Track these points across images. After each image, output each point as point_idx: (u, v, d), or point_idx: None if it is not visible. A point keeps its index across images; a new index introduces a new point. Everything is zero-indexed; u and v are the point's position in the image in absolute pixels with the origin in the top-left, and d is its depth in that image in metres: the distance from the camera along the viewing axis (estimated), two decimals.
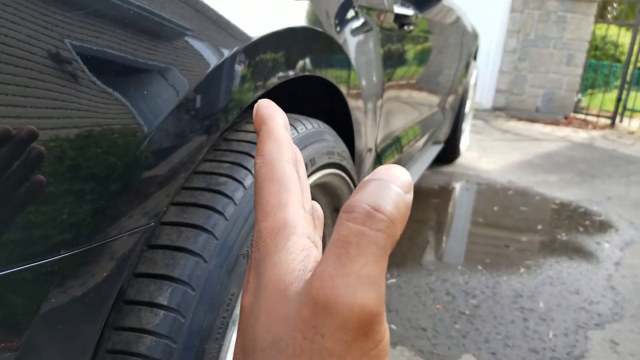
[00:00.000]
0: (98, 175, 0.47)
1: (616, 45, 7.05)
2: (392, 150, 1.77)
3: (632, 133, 5.57)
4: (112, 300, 0.54)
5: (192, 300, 0.58)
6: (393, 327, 1.53)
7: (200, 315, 0.58)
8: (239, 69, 0.67)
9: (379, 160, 1.63)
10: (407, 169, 2.30)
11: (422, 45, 1.88)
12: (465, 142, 3.83)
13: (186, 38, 0.56)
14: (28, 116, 0.40)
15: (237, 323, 0.65)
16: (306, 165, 0.82)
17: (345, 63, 1.08)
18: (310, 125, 0.89)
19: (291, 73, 0.82)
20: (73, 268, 0.47)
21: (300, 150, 0.80)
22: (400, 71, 1.62)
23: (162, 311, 0.57)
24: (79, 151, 0.45)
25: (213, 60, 0.61)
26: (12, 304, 0.43)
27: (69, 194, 0.45)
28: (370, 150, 1.46)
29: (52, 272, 0.45)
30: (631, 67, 5.77)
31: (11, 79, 0.38)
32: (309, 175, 0.84)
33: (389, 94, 1.52)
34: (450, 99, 2.87)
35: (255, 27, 0.71)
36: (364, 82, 1.22)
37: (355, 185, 1.09)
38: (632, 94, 6.02)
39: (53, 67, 0.41)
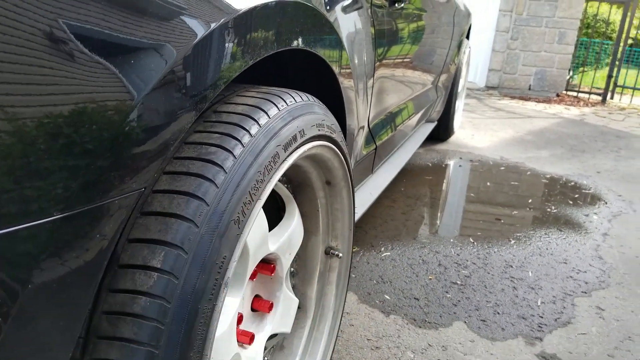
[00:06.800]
0: (90, 143, 0.49)
1: (607, 23, 7.04)
2: (384, 127, 1.79)
3: (622, 109, 5.60)
4: (105, 262, 0.56)
5: (184, 263, 0.60)
6: (387, 297, 1.57)
7: (193, 277, 0.61)
8: (228, 40, 0.68)
9: (371, 138, 1.65)
10: (401, 147, 2.32)
11: (414, 23, 1.88)
12: (458, 120, 3.85)
13: (172, 8, 0.57)
14: (18, 92, 0.42)
15: (229, 285, 0.67)
16: (295, 136, 0.83)
17: (336, 41, 1.09)
18: (300, 98, 0.90)
19: (280, 46, 0.84)
20: (67, 230, 0.49)
21: (290, 121, 0.82)
22: (391, 49, 1.62)
23: (156, 273, 0.59)
24: (69, 120, 0.46)
25: (200, 31, 0.62)
26: (7, 264, 0.45)
27: (62, 159, 0.46)
28: (362, 127, 1.48)
29: (46, 233, 0.47)
30: (622, 44, 5.78)
31: None
32: (298, 146, 0.86)
33: (381, 72, 1.53)
34: (443, 77, 2.88)
35: None
36: (354, 61, 1.23)
37: (345, 159, 1.11)
38: (623, 71, 6.04)
39: (40, 43, 0.43)
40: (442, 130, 3.49)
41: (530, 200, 2.54)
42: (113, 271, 0.60)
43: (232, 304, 0.79)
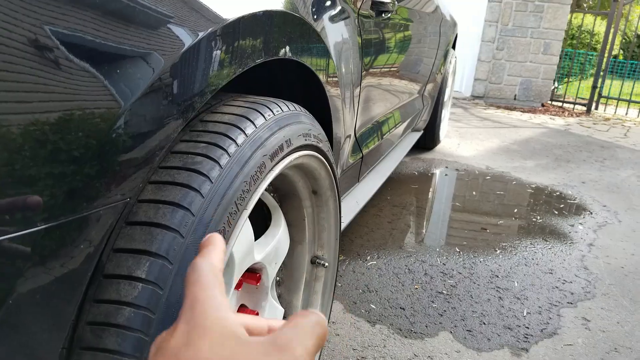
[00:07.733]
0: (74, 152, 0.48)
1: (592, 34, 7.17)
2: (371, 136, 1.80)
3: (607, 119, 5.69)
4: (90, 272, 0.55)
5: (169, 273, 0.60)
6: (373, 306, 1.57)
7: (178, 287, 0.60)
8: (215, 49, 0.68)
9: (358, 146, 1.65)
10: (387, 155, 2.33)
11: (400, 33, 1.90)
12: (444, 129, 3.88)
13: (160, 17, 0.57)
14: (3, 99, 0.41)
15: None
16: (282, 145, 0.83)
17: (323, 50, 1.09)
18: (287, 108, 0.91)
19: (267, 56, 0.84)
20: (52, 240, 0.48)
21: (276, 131, 0.82)
22: (378, 59, 1.63)
23: (140, 284, 0.58)
24: (54, 128, 0.46)
25: (188, 40, 0.62)
26: None
27: (46, 168, 0.46)
28: (349, 136, 1.48)
29: (30, 243, 0.46)
30: (606, 55, 5.88)
31: None
32: (285, 156, 0.86)
33: (367, 81, 1.54)
34: (430, 86, 2.91)
35: (232, 8, 0.72)
36: (341, 70, 1.24)
37: (332, 168, 1.11)
38: (607, 81, 6.14)
39: (28, 50, 0.42)
40: (428, 139, 3.51)
41: (516, 210, 2.56)
42: (97, 281, 0.59)
43: None
